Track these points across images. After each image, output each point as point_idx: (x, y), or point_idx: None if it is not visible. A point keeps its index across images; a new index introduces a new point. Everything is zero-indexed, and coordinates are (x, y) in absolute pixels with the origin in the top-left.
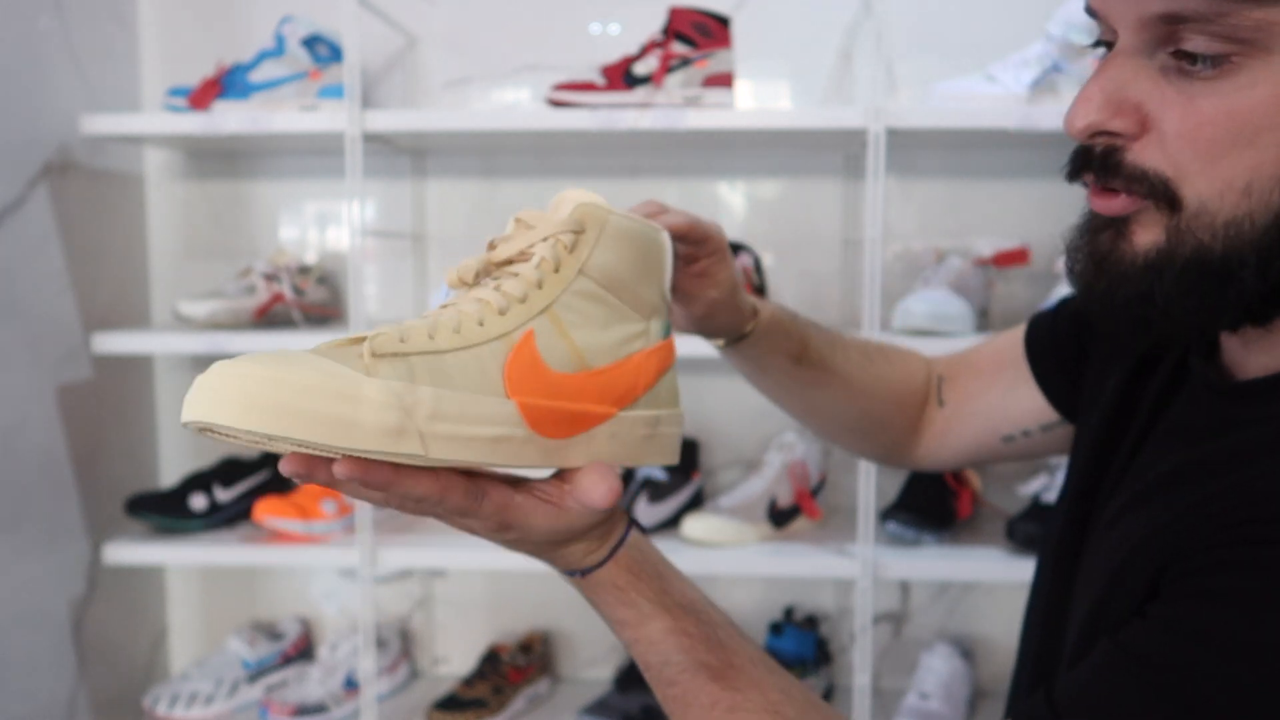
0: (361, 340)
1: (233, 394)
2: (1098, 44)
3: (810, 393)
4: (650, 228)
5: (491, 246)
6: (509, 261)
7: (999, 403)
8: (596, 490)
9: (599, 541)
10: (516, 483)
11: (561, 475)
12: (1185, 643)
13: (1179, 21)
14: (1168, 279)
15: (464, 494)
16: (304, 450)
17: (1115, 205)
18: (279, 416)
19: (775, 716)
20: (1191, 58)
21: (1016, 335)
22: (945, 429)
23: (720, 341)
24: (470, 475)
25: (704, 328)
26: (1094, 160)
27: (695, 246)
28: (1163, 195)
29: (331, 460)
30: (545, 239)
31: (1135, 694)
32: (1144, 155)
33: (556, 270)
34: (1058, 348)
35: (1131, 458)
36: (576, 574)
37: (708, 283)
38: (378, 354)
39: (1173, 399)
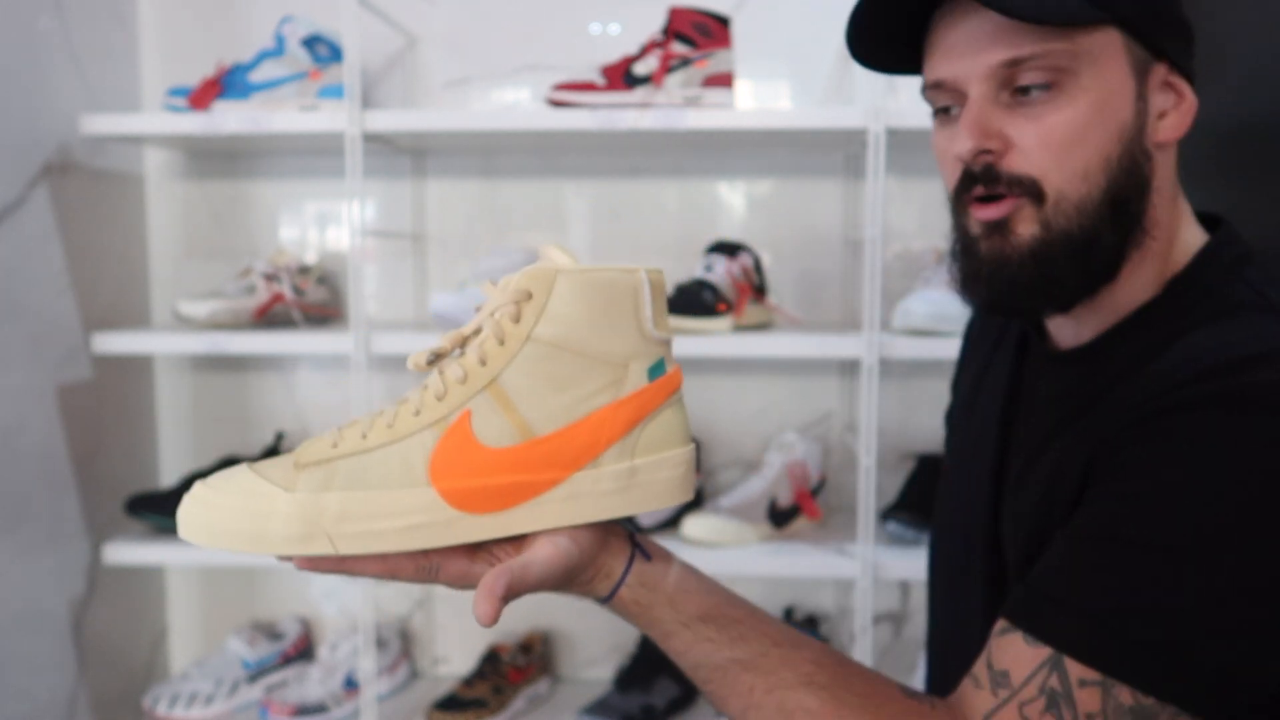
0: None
1: (187, 518)
2: (937, 112)
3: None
4: (617, 272)
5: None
6: (466, 340)
7: None
8: (478, 607)
9: (604, 577)
10: (476, 549)
11: (516, 543)
12: (1127, 502)
13: (1016, 64)
14: (1053, 257)
15: (414, 570)
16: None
17: (998, 209)
18: (215, 535)
19: (811, 685)
20: (1026, 90)
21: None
22: None
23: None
24: (424, 552)
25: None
26: (978, 175)
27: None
28: (1032, 192)
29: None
30: (492, 313)
31: (1102, 555)
32: (1014, 164)
33: (502, 344)
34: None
35: (1009, 432)
36: (594, 599)
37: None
38: (300, 464)
39: (1029, 377)
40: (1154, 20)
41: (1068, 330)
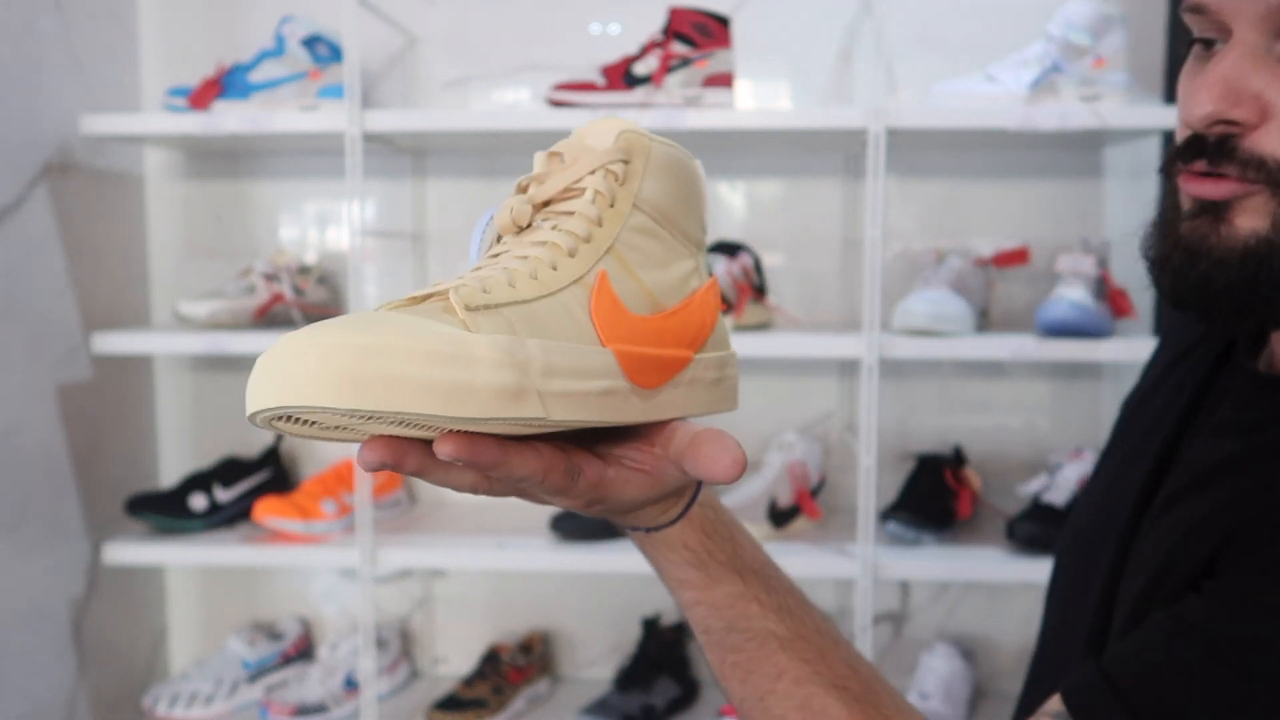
0: (430, 297)
1: (319, 368)
2: (1195, 41)
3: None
4: (685, 154)
5: (521, 188)
6: (549, 202)
7: None
8: (719, 463)
9: (675, 499)
10: (604, 455)
11: (647, 438)
12: (1244, 611)
13: None
14: (1275, 266)
15: (564, 474)
16: (402, 430)
17: (1222, 189)
18: (384, 388)
19: (841, 691)
20: None
21: None
22: None
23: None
24: (566, 450)
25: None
26: (1208, 147)
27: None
28: (1277, 181)
29: (422, 442)
30: (593, 171)
31: (1192, 661)
32: (1262, 143)
33: (612, 205)
34: None
35: (1173, 447)
36: (641, 530)
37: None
38: (470, 307)
39: (1217, 393)
40: None
41: (1278, 346)
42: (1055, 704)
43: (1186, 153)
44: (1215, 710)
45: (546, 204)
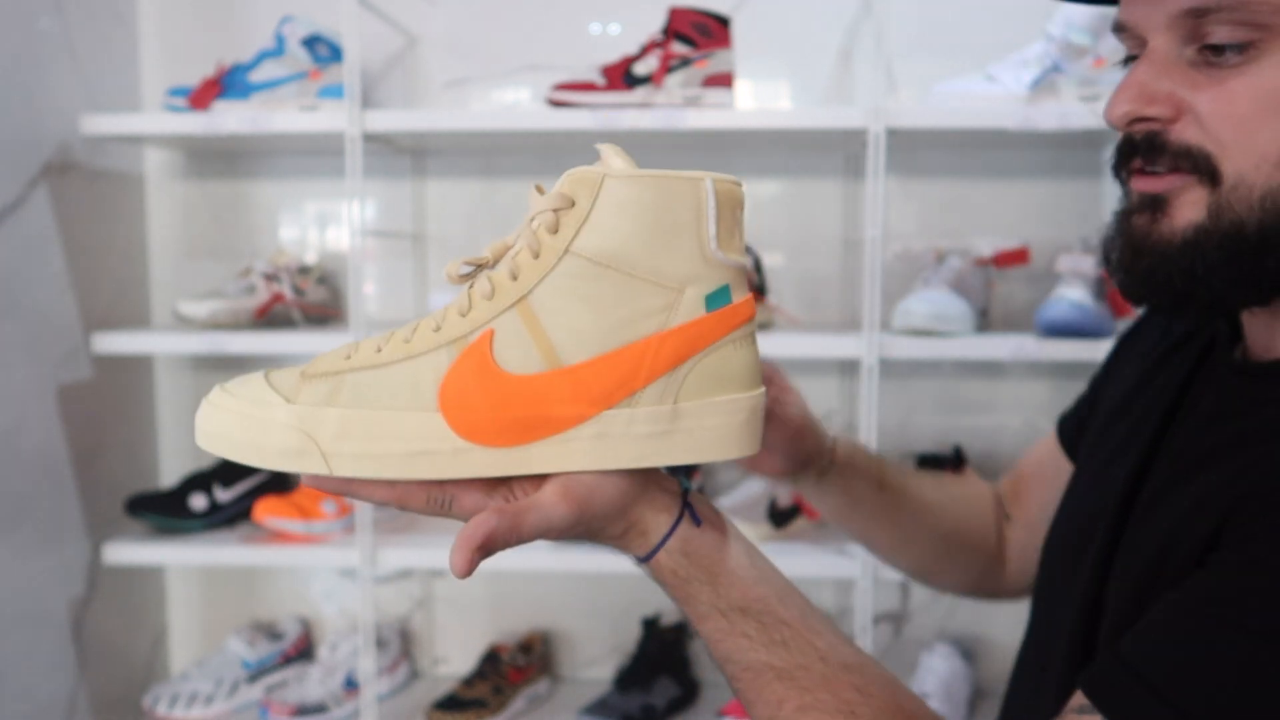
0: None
1: (200, 421)
2: (1126, 60)
3: (899, 519)
4: (676, 179)
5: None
6: (505, 251)
7: (1053, 500)
8: (452, 557)
9: (639, 534)
10: (495, 484)
11: (543, 477)
12: (1256, 575)
13: (1204, 14)
14: (1209, 254)
15: (425, 501)
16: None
17: (1161, 184)
18: (216, 441)
19: (850, 716)
20: (1218, 49)
21: (1050, 438)
22: (1015, 541)
23: (810, 479)
24: (438, 482)
25: (789, 466)
26: (1139, 146)
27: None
28: (1205, 170)
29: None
30: (530, 222)
31: (1210, 634)
32: (1185, 133)
33: (536, 256)
34: (1083, 428)
35: (1161, 440)
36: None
37: (773, 424)
38: (307, 375)
39: (1199, 386)
40: None
41: (1258, 333)
42: (1078, 699)
43: (1122, 153)
44: (1240, 678)
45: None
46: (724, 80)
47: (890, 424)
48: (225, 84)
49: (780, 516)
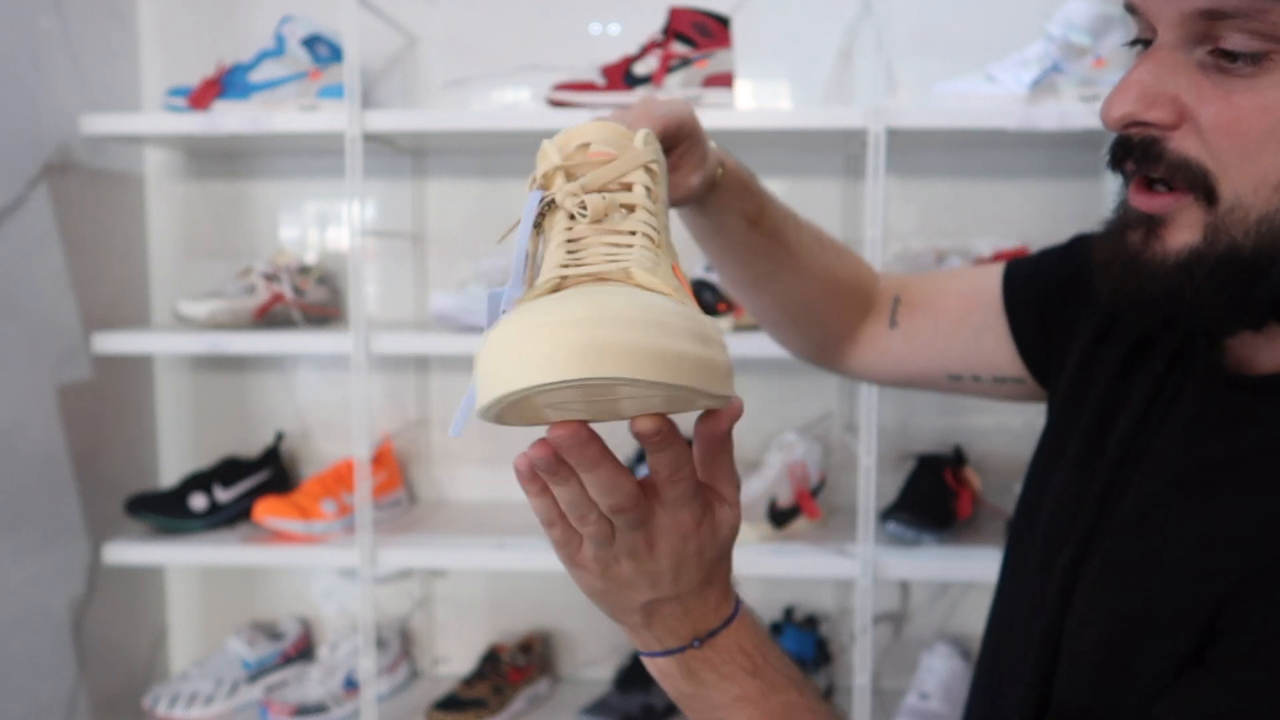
0: (563, 283)
1: (591, 344)
2: (1135, 42)
3: (758, 262)
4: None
5: (569, 174)
6: (604, 188)
7: (960, 343)
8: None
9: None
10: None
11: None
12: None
13: (1219, 18)
14: (1199, 277)
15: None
16: (629, 404)
17: (1158, 204)
18: (660, 361)
19: None
20: (1230, 55)
21: (991, 280)
22: (889, 349)
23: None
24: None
25: (684, 201)
26: (1134, 149)
27: (675, 141)
28: (1202, 187)
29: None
30: (643, 167)
31: None
32: (1183, 145)
33: (655, 202)
34: (1040, 305)
35: (1133, 443)
36: (667, 652)
37: (691, 168)
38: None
39: (1177, 388)
40: None
41: (1245, 345)
42: None
43: (1117, 152)
44: None
45: (601, 189)
46: (724, 80)
47: (890, 424)
48: (225, 84)
49: (780, 516)
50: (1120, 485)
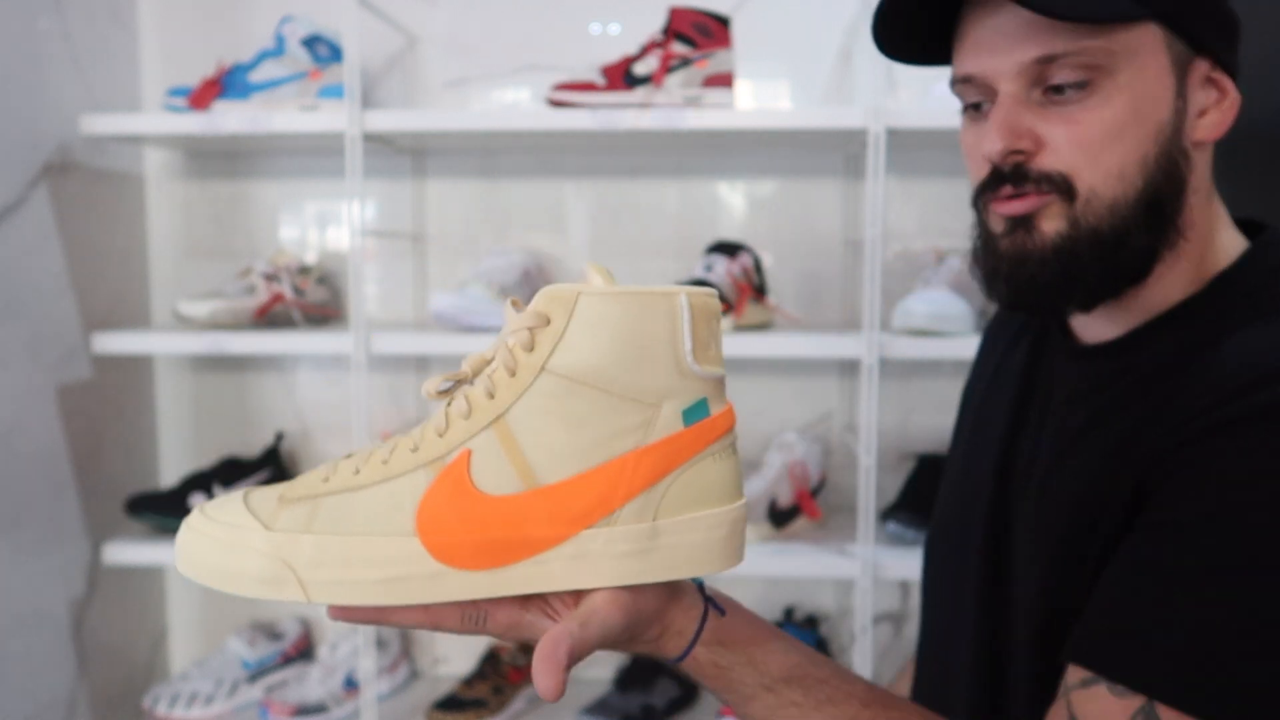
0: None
1: (180, 547)
2: (967, 108)
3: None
4: (651, 294)
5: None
6: (484, 366)
7: None
8: (540, 681)
9: (674, 635)
10: (528, 598)
11: (576, 593)
12: (1215, 522)
13: (1049, 61)
14: (1080, 253)
15: (459, 620)
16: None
17: (1024, 205)
18: (197, 569)
19: None
20: (1059, 89)
21: None
22: None
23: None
24: (473, 602)
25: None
26: (1007, 175)
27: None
28: (1064, 189)
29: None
30: (506, 339)
31: (1192, 593)
32: (1045, 163)
33: (512, 375)
34: None
35: (1023, 425)
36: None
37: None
38: (285, 499)
39: (1043, 374)
40: (1196, 14)
41: (1094, 327)
42: (1079, 674)
43: (992, 184)
44: (1231, 617)
45: (481, 369)
46: (724, 80)
47: (890, 424)
48: (225, 84)
49: (780, 516)
50: (1009, 466)
